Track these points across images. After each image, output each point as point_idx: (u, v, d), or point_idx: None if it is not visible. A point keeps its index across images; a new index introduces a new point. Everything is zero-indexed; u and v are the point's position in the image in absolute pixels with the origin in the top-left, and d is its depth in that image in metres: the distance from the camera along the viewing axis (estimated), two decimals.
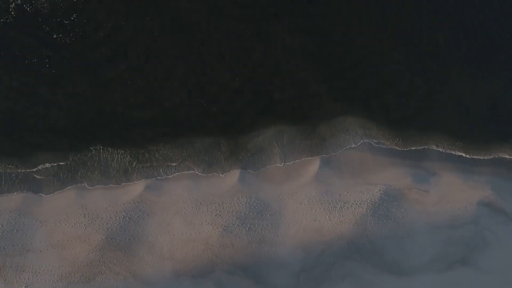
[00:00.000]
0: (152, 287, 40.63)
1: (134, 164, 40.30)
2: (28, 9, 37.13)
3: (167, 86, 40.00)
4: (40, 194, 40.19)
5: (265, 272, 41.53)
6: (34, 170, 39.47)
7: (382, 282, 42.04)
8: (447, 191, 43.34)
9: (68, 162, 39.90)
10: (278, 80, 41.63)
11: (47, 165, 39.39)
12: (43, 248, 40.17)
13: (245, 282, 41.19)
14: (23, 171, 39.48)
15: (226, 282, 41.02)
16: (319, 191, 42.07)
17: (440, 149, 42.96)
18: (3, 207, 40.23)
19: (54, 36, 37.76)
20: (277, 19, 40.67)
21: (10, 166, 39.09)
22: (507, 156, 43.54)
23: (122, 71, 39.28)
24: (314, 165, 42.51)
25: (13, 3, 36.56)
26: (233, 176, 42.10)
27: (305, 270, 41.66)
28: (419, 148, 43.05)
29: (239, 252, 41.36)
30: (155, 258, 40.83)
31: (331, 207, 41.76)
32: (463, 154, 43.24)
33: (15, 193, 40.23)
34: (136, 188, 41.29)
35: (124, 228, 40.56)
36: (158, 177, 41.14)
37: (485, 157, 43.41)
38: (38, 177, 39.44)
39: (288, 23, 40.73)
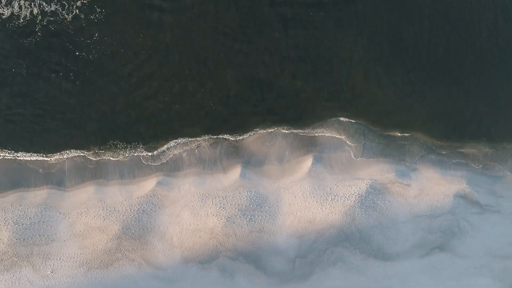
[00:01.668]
0: (163, 272, 43.39)
1: (147, 160, 43.84)
2: (53, 28, 41.22)
3: (178, 90, 43.47)
4: (63, 188, 43.34)
5: (264, 258, 44.29)
6: (57, 165, 43.16)
7: (369, 267, 44.82)
8: (427, 185, 46.05)
9: (89, 159, 43.39)
10: (276, 86, 44.68)
11: (70, 161, 42.94)
12: (66, 237, 43.08)
13: (246, 267, 44.00)
14: (47, 170, 43.16)
15: (229, 267, 43.83)
16: (312, 186, 44.82)
17: (420, 147, 46.04)
18: (30, 201, 43.18)
19: (77, 53, 41.69)
20: (277, 32, 44.38)
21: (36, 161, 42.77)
22: (481, 157, 46.71)
23: (136, 80, 42.79)
24: (307, 162, 45.36)
25: (39, 24, 40.64)
26: (235, 173, 44.79)
27: (300, 256, 44.43)
28: (400, 146, 46.15)
29: (241, 240, 44.04)
30: (166, 246, 43.65)
31: (323, 200, 44.61)
32: (441, 151, 46.41)
33: (40, 187, 43.24)
34: (149, 183, 44.14)
35: (138, 219, 43.54)
36: (169, 173, 44.21)
37: (460, 155, 46.51)
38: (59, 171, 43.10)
39: (286, 37, 44.44)
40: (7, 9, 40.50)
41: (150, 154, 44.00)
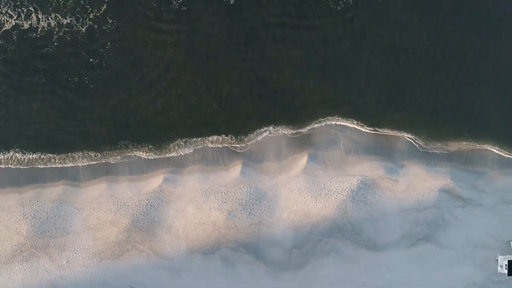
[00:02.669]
0: (169, 262, 46.35)
1: (155, 157, 46.88)
2: (68, 38, 44.76)
3: (186, 94, 46.72)
4: (77, 184, 46.55)
5: (263, 248, 47.08)
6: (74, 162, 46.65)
7: (360, 256, 47.57)
8: (413, 180, 48.65)
9: (101, 157, 46.54)
10: (274, 91, 47.69)
11: (84, 160, 46.28)
12: (80, 230, 46.20)
13: (246, 257, 46.82)
14: (64, 165, 46.53)
15: (231, 257, 46.66)
16: (307, 182, 47.56)
17: (407, 145, 48.56)
18: (47, 197, 46.44)
19: (91, 60, 45.24)
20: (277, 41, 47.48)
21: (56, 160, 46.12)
22: (463, 155, 49.08)
23: (146, 85, 46.12)
24: (302, 160, 48.15)
25: (56, 35, 44.19)
26: (235, 170, 47.67)
27: (296, 247, 47.19)
28: (390, 145, 48.72)
29: (241, 232, 46.82)
30: (172, 238, 46.56)
31: (317, 195, 47.35)
32: (427, 149, 48.77)
33: (56, 184, 46.44)
34: (156, 180, 47.15)
35: (147, 213, 46.51)
36: (174, 171, 47.12)
37: (444, 152, 48.97)
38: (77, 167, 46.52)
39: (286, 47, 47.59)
40: (26, 22, 44.12)
41: (157, 152, 46.99)
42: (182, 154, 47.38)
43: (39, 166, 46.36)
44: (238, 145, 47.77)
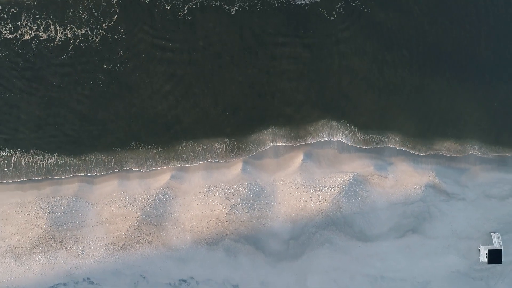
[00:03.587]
0: (176, 252, 48.93)
1: (162, 156, 49.92)
2: (83, 46, 48.50)
3: (193, 99, 49.85)
4: (91, 181, 49.46)
5: (263, 240, 49.55)
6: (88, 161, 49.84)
7: (352, 247, 50.17)
8: (401, 177, 51.14)
9: (114, 155, 49.65)
10: (273, 96, 50.47)
11: (98, 158, 49.67)
12: (94, 224, 48.96)
13: (247, 247, 49.36)
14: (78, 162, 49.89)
15: (233, 248, 49.24)
16: (303, 178, 50.07)
17: (396, 147, 51.30)
18: (64, 193, 49.40)
19: (104, 65, 48.84)
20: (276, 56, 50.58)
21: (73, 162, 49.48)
22: (445, 154, 51.90)
23: (155, 89, 49.36)
24: (299, 158, 50.77)
25: (72, 44, 48.02)
26: (237, 168, 50.38)
27: (293, 238, 49.62)
28: (379, 146, 51.40)
29: (242, 225, 49.26)
30: (179, 230, 49.16)
31: (312, 190, 49.83)
32: (414, 152, 51.36)
33: (72, 181, 49.49)
34: (164, 177, 49.98)
35: (155, 208, 49.23)
36: (181, 168, 49.95)
37: (429, 153, 51.80)
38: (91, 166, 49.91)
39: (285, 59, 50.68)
40: (45, 33, 47.96)
41: (166, 152, 50.15)
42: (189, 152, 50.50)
43: (56, 170, 49.36)
44: (239, 145, 50.51)
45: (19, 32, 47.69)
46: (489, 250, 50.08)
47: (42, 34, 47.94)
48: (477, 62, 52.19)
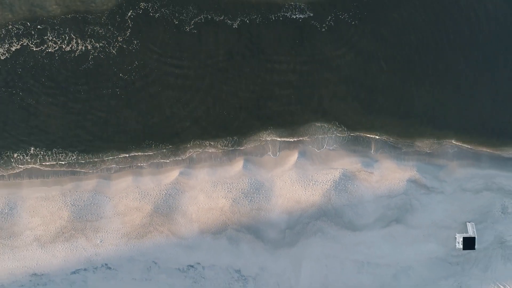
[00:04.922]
0: (185, 241, 51.66)
1: (172, 154, 53.65)
2: (102, 57, 53.85)
3: (197, 104, 53.71)
4: (108, 178, 52.94)
5: (262, 229, 52.38)
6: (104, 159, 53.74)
7: (342, 235, 52.84)
8: (386, 172, 53.76)
9: (129, 153, 53.56)
10: (271, 100, 54.11)
11: (114, 157, 53.73)
12: (111, 215, 51.83)
13: (248, 236, 52.19)
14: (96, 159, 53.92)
15: (235, 237, 52.06)
16: (298, 174, 52.66)
17: (381, 143, 54.19)
18: (84, 188, 52.49)
19: (121, 74, 53.69)
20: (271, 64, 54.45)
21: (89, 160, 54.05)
22: (427, 150, 54.92)
23: (166, 98, 53.69)
24: (294, 156, 53.56)
25: (92, 55, 53.40)
26: (238, 165, 53.20)
27: (289, 228, 52.37)
28: (366, 143, 54.71)
29: (244, 216, 52.04)
30: (187, 221, 51.83)
31: (306, 185, 52.63)
32: (397, 146, 54.35)
33: (91, 177, 52.98)
34: (173, 174, 52.95)
35: (166, 201, 52.06)
36: (188, 166, 53.28)
37: (412, 149, 54.90)
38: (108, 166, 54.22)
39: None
40: (67, 46, 53.49)
41: (175, 151, 54.02)
42: (195, 151, 53.75)
43: (76, 169, 52.92)
44: (241, 144, 54.06)
45: (45, 45, 52.99)
46: (464, 238, 52.64)
47: (65, 47, 53.33)
48: (453, 65, 55.63)
